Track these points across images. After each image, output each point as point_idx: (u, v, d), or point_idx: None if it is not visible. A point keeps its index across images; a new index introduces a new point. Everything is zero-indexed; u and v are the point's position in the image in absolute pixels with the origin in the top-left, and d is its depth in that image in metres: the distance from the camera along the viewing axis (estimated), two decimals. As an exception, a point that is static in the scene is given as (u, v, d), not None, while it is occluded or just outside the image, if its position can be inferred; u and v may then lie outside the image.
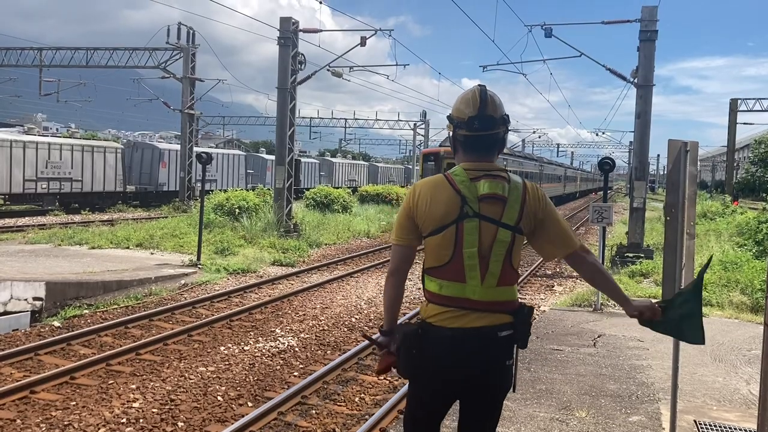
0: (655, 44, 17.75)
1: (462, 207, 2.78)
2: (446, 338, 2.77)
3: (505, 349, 2.84)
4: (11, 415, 6.62)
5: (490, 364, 2.81)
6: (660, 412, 5.99)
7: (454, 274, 2.78)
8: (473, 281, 2.77)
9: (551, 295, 14.18)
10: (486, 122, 2.87)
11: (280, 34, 21.64)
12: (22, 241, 18.67)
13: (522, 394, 6.40)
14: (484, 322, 2.77)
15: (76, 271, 12.83)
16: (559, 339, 8.87)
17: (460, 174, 2.85)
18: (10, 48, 33.45)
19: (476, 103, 2.87)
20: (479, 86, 2.93)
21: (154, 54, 31.73)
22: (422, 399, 2.94)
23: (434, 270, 2.84)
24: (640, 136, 18.37)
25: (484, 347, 2.78)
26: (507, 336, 2.81)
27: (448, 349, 2.77)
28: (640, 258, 16.87)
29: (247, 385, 7.80)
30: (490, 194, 2.79)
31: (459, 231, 2.76)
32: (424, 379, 2.87)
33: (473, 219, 2.77)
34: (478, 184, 2.81)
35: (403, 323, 3.00)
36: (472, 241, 2.76)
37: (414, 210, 2.86)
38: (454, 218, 2.77)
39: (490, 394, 2.90)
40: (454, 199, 2.79)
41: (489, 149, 2.92)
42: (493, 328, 2.78)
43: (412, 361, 2.85)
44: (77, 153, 31.49)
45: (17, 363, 8.28)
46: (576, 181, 73.53)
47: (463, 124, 2.89)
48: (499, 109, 2.90)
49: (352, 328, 10.76)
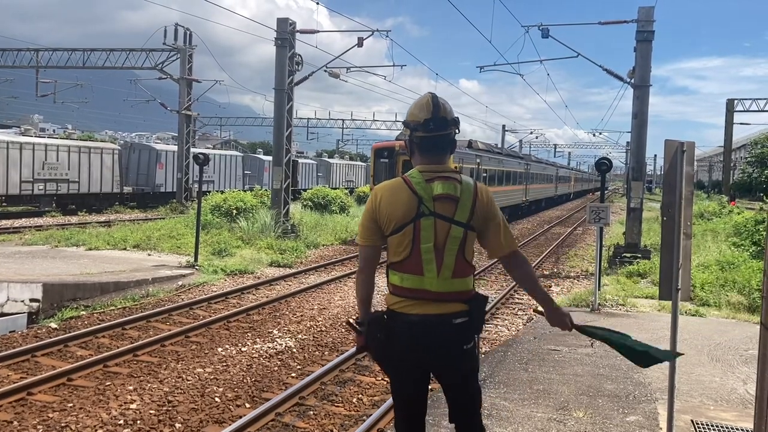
0: (651, 45, 17.77)
1: (419, 206, 3.09)
2: (408, 323, 3.10)
3: (460, 335, 3.13)
4: (8, 416, 6.60)
5: (446, 348, 3.11)
6: (657, 412, 6.00)
7: (413, 267, 3.10)
8: (430, 274, 3.08)
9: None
10: (440, 123, 3.19)
11: (277, 35, 21.64)
12: (19, 242, 18.64)
13: (519, 394, 6.40)
14: (440, 309, 3.09)
15: (73, 272, 12.81)
16: (556, 339, 8.87)
17: (416, 176, 3.17)
18: (6, 49, 33.40)
19: (429, 107, 3.20)
20: (430, 93, 3.27)
21: (151, 55, 31.69)
22: (395, 380, 3.27)
23: (396, 264, 3.15)
24: (636, 137, 18.39)
25: (440, 333, 3.08)
26: (462, 323, 3.11)
27: (410, 332, 3.10)
28: (638, 258, 16.89)
29: (244, 386, 7.79)
30: (444, 194, 3.11)
31: (416, 228, 3.08)
32: (393, 361, 3.21)
33: (429, 217, 3.08)
34: (432, 184, 3.12)
35: (371, 312, 3.29)
36: (428, 237, 3.08)
37: (376, 212, 3.17)
38: (412, 217, 3.09)
39: (454, 374, 3.19)
40: (412, 199, 3.10)
41: (442, 149, 3.25)
42: (449, 316, 3.09)
43: (380, 345, 3.18)
44: (74, 154, 31.44)
45: (14, 365, 8.26)
46: (570, 181, 71.15)
47: (420, 126, 3.20)
48: (450, 112, 3.24)
49: (350, 330, 10.74)
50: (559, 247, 24.14)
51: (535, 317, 10.89)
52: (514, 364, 7.62)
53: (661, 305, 11.33)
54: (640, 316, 10.84)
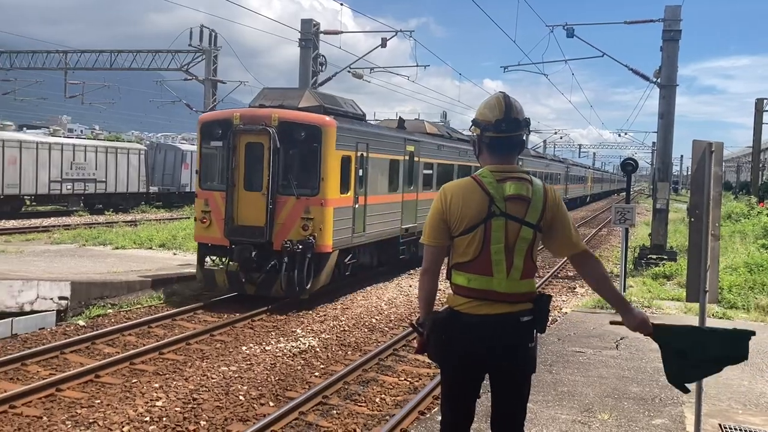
0: (678, 44, 17.54)
1: (490, 206, 3.04)
2: (474, 324, 3.06)
3: (526, 333, 3.11)
4: (38, 412, 6.73)
5: (514, 347, 3.08)
6: (684, 416, 5.93)
7: (481, 268, 3.06)
8: (499, 275, 3.05)
9: (573, 297, 14.07)
10: (512, 124, 3.14)
11: (301, 36, 21.75)
12: (48, 241, 18.94)
13: (543, 396, 6.37)
14: (507, 309, 3.06)
15: (101, 271, 12.99)
16: (581, 341, 8.81)
17: (488, 176, 3.11)
18: (36, 51, 33.99)
19: (501, 107, 3.14)
20: (501, 93, 3.21)
21: (177, 56, 32.01)
22: (452, 382, 3.23)
23: (462, 265, 3.10)
24: (663, 137, 18.17)
25: (507, 331, 3.06)
26: (528, 321, 3.10)
27: (475, 332, 3.06)
28: (664, 260, 16.68)
29: (268, 384, 7.85)
30: (516, 195, 3.06)
31: (487, 229, 3.03)
32: (452, 361, 3.15)
33: (500, 218, 3.05)
34: (504, 185, 3.08)
35: (434, 312, 3.24)
36: (499, 238, 3.04)
37: (446, 213, 3.11)
38: (483, 217, 3.04)
39: (514, 375, 3.15)
40: (484, 199, 3.05)
41: (512, 150, 3.20)
42: (516, 314, 3.07)
43: (441, 345, 3.12)
44: (101, 154, 31.87)
45: (43, 361, 8.42)
46: (586, 182, 63.26)
47: (491, 126, 3.15)
48: (522, 113, 3.18)
49: (373, 329, 10.77)
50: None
51: (560, 318, 10.81)
52: (539, 366, 7.52)
53: (687, 307, 11.18)
54: (665, 318, 10.71)
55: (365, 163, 13.47)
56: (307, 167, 12.20)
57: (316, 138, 12.01)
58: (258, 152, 12.04)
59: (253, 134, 12.09)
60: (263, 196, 11.89)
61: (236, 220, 12.13)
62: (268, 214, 11.81)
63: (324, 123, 12.14)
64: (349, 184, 12.81)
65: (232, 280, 12.05)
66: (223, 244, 12.24)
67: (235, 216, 12.12)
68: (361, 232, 13.38)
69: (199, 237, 12.62)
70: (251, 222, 12.01)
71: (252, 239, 11.89)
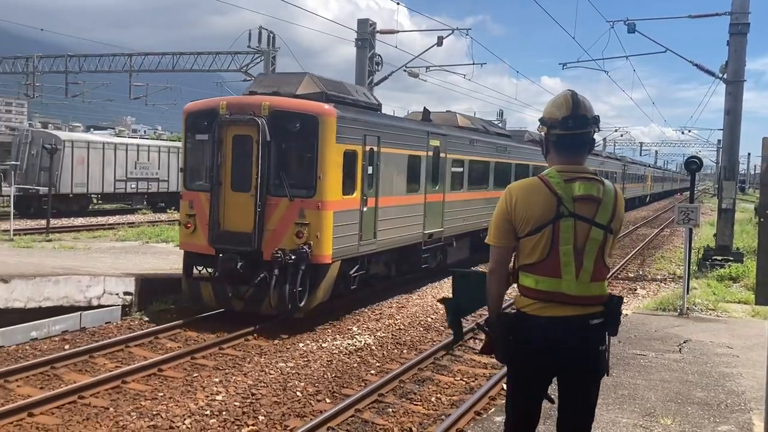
0: (746, 37, 16.91)
1: (558, 207, 2.97)
2: (541, 326, 3.00)
3: (597, 336, 3.05)
4: (105, 403, 6.97)
5: (583, 350, 3.01)
6: (752, 423, 5.73)
7: (550, 270, 2.99)
8: (568, 276, 2.98)
9: (634, 299, 13.76)
10: (579, 121, 3.06)
11: (357, 36, 21.86)
12: (113, 238, 19.58)
13: (603, 399, 6.24)
14: (577, 311, 2.99)
15: (163, 267, 13.34)
16: (642, 344, 8.60)
17: (555, 176, 3.04)
18: (103, 55, 35.17)
19: (569, 104, 3.06)
20: (569, 90, 3.12)
21: (236, 57, 32.60)
22: (519, 384, 3.17)
23: (529, 266, 3.04)
24: (729, 134, 17.56)
25: (577, 334, 2.99)
26: (598, 324, 3.02)
27: (542, 335, 3.00)
28: (729, 261, 16.12)
29: (325, 381, 7.93)
30: (586, 195, 2.99)
31: (555, 230, 2.96)
32: (520, 362, 3.10)
33: (569, 218, 2.97)
34: (573, 185, 3.00)
35: (502, 313, 3.20)
36: (568, 239, 2.96)
37: (512, 213, 3.04)
38: (551, 218, 2.96)
39: (582, 378, 3.08)
40: (551, 199, 2.98)
41: (580, 149, 3.11)
42: (585, 317, 2.99)
43: (509, 346, 3.08)
44: (164, 154, 32.76)
45: (110, 354, 8.72)
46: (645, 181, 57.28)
47: (558, 124, 3.07)
48: (591, 110, 3.09)
49: (428, 328, 10.76)
50: (645, 248, 23.35)
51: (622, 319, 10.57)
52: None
53: (755, 311, 10.79)
54: (731, 322, 10.37)
55: (376, 159, 11.58)
56: (303, 164, 10.60)
57: (312, 129, 10.18)
58: (247, 146, 10.35)
59: (240, 125, 10.37)
60: (252, 197, 10.21)
61: (222, 224, 10.49)
62: (257, 219, 10.11)
63: (321, 111, 10.30)
64: (355, 183, 10.93)
65: (218, 294, 10.45)
66: (208, 252, 10.56)
67: (221, 220, 10.48)
68: (371, 239, 11.49)
69: (183, 244, 11.17)
70: (238, 227, 10.32)
71: (238, 247, 10.21)
